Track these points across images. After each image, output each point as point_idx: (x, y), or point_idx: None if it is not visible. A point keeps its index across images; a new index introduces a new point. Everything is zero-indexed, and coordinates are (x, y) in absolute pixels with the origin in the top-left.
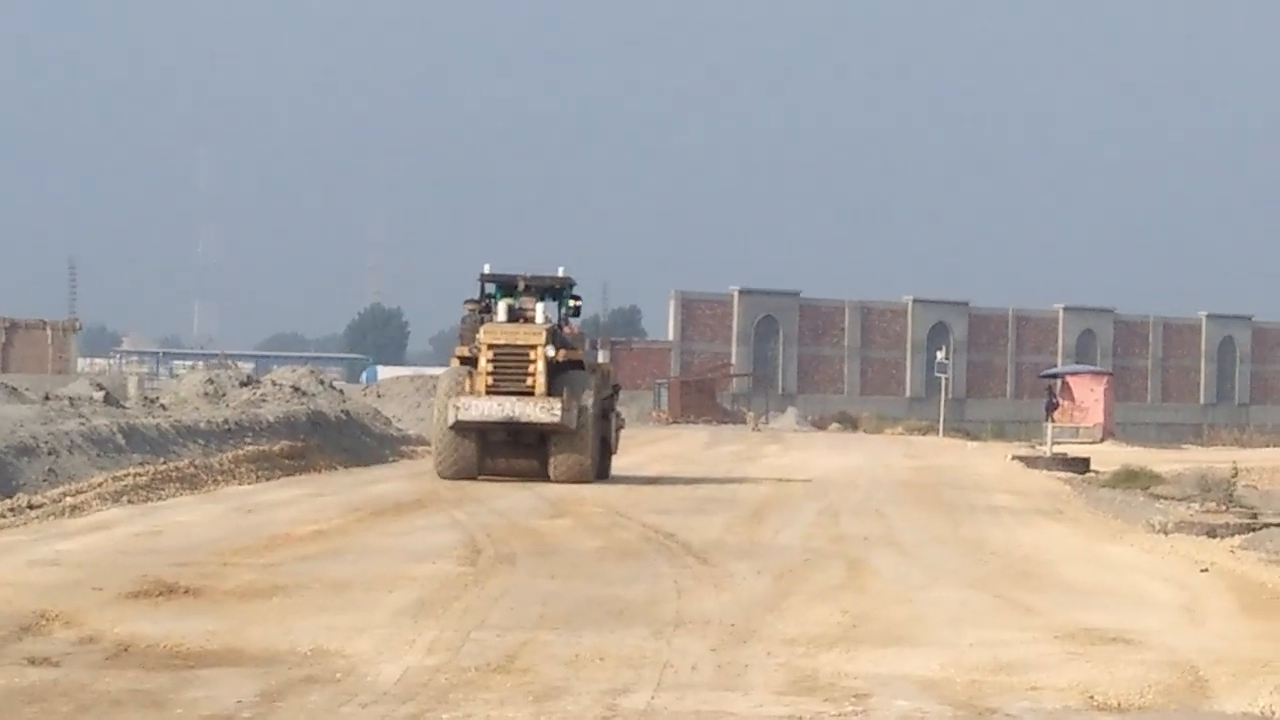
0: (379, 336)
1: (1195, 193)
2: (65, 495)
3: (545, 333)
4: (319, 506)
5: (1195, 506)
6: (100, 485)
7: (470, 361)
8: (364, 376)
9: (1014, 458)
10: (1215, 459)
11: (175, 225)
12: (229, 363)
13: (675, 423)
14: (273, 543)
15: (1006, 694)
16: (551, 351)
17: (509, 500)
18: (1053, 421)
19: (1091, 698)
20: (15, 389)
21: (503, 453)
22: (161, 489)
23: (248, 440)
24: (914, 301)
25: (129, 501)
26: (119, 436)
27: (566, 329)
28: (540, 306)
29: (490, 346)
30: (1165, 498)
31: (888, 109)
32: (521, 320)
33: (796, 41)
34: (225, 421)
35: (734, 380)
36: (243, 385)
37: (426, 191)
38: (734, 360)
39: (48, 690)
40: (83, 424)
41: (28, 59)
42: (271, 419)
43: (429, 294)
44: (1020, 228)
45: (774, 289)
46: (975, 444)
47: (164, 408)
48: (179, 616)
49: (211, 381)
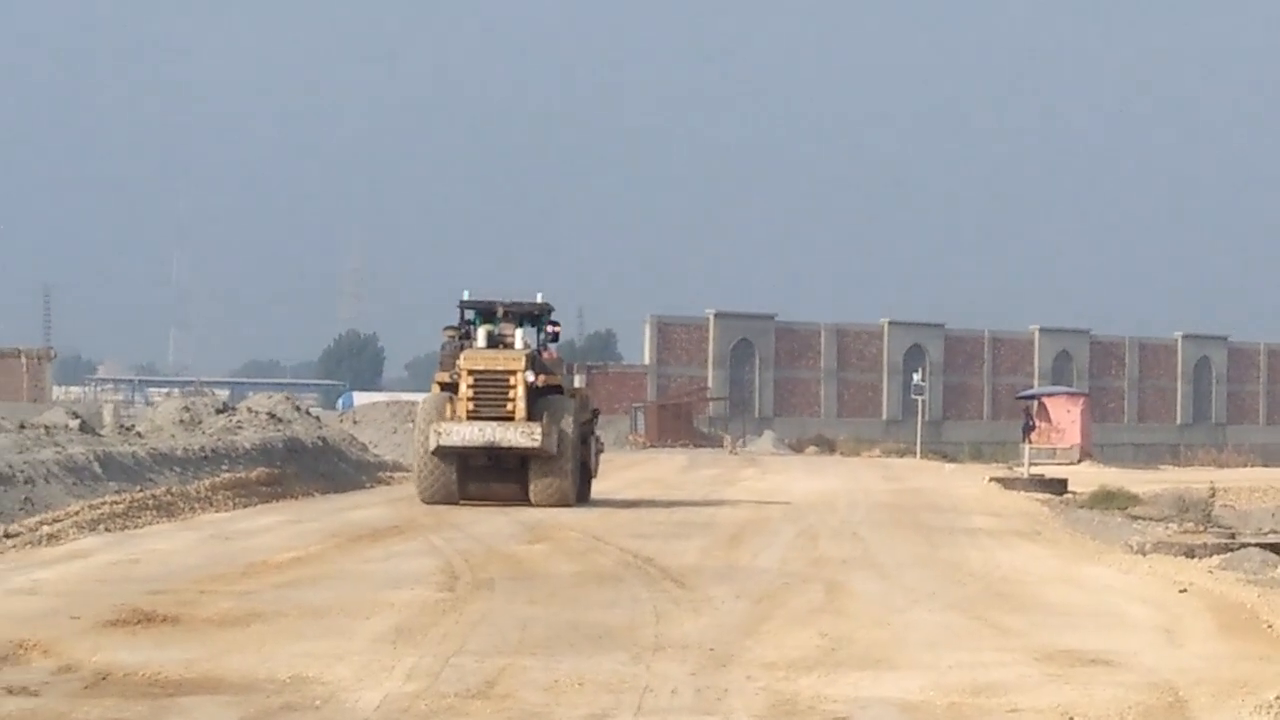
0: (355, 363)
1: (1170, 214)
2: (42, 524)
3: (525, 358)
4: (296, 533)
5: (1173, 527)
6: (77, 514)
7: (451, 387)
8: (340, 403)
9: (991, 479)
10: (1192, 479)
11: (150, 253)
12: (205, 390)
13: (652, 447)
14: (250, 570)
15: (986, 716)
16: (531, 377)
17: (486, 525)
18: (1030, 443)
19: (1071, 719)
20: None
21: (484, 477)
22: (138, 517)
23: (224, 467)
24: (890, 324)
25: (106, 530)
26: (95, 465)
27: (545, 354)
28: (519, 332)
29: (470, 372)
30: (1143, 518)
31: (863, 132)
32: (501, 346)
33: (773, 66)
34: (201, 449)
35: (711, 404)
36: (219, 412)
37: (402, 217)
38: (710, 384)
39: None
40: (59, 452)
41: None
42: (248, 446)
43: (404, 320)
44: (995, 249)
45: (750, 312)
46: (953, 466)
47: (140, 435)
48: (157, 645)
49: (187, 409)
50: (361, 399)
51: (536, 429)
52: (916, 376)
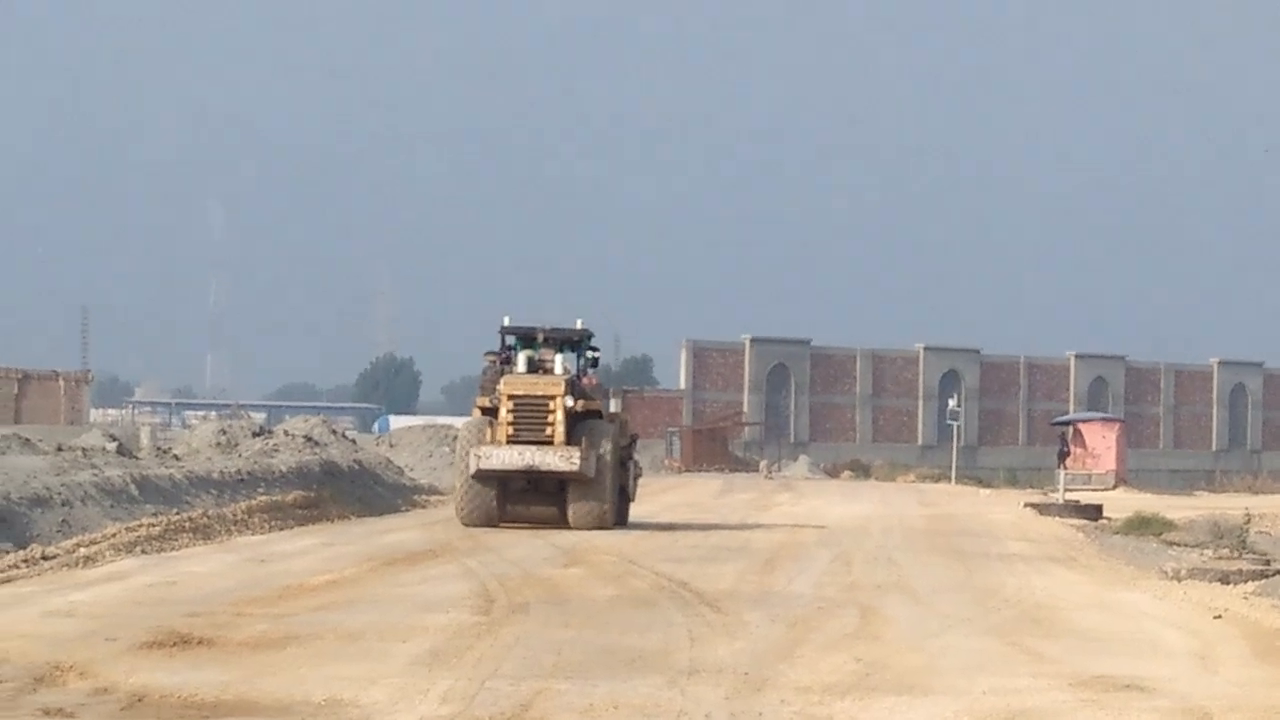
0: (391, 386)
1: (1207, 240)
2: (79, 546)
3: (564, 383)
4: (332, 556)
5: (1208, 553)
6: (114, 536)
7: (491, 412)
8: (376, 426)
9: (1026, 505)
10: (1227, 505)
11: (187, 276)
12: (242, 413)
13: (687, 471)
14: (286, 593)
15: None
16: (570, 402)
17: (522, 549)
18: (1065, 469)
19: None
20: (28, 440)
21: (523, 500)
22: (175, 539)
23: (260, 490)
24: (925, 349)
25: (142, 552)
26: (132, 487)
27: (585, 380)
28: (559, 358)
29: (510, 397)
30: (1178, 544)
31: (896, 155)
32: (541, 371)
33: (807, 89)
34: (238, 472)
35: (746, 429)
36: (255, 435)
37: (439, 241)
38: (746, 409)
39: None
40: (96, 475)
41: (40, 108)
42: (284, 469)
43: (441, 343)
44: (1031, 275)
45: (785, 337)
46: (988, 491)
47: (177, 458)
48: (193, 667)
49: (224, 432)
50: (397, 422)
51: (575, 453)
52: (952, 402)
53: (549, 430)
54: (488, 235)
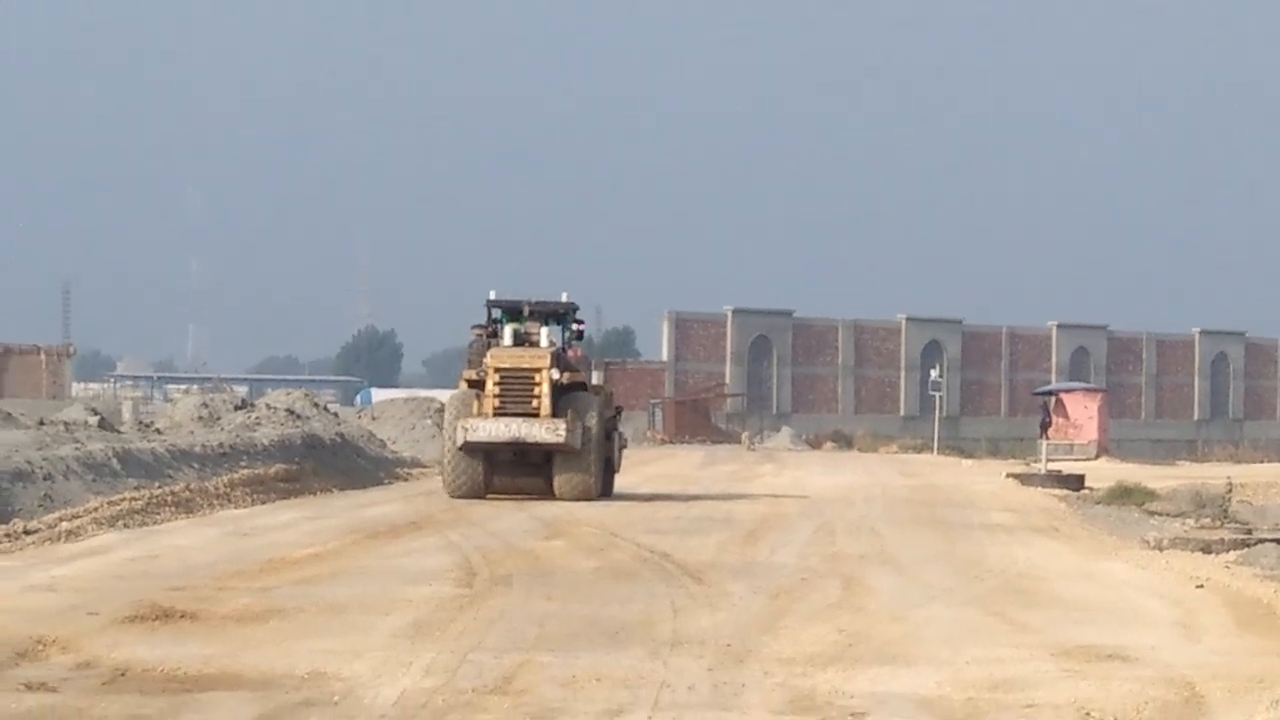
0: (373, 359)
1: (1187, 208)
2: (61, 520)
3: (550, 356)
4: (315, 529)
5: (1190, 523)
6: (96, 510)
7: (478, 385)
8: (358, 399)
9: (1009, 475)
10: (1209, 475)
11: (168, 249)
12: (223, 386)
13: (670, 443)
14: (269, 566)
15: (1003, 711)
16: (556, 374)
17: (504, 522)
18: (1047, 439)
19: (1088, 715)
20: (10, 414)
21: (510, 472)
22: (157, 513)
23: (243, 464)
24: (907, 320)
25: (125, 526)
26: (114, 461)
27: (570, 352)
28: (545, 331)
29: (497, 370)
30: (1160, 514)
31: (879, 127)
32: (527, 344)
33: (787, 60)
34: (220, 445)
35: (728, 400)
36: (237, 409)
37: (420, 214)
38: (728, 380)
39: (45, 715)
40: (78, 449)
41: (19, 82)
42: (266, 442)
43: (423, 316)
44: (1013, 245)
45: (767, 308)
46: (970, 462)
47: (159, 432)
48: (176, 641)
49: (206, 405)
50: (380, 395)
51: (561, 425)
52: (934, 373)
53: (535, 403)
54: (470, 209)
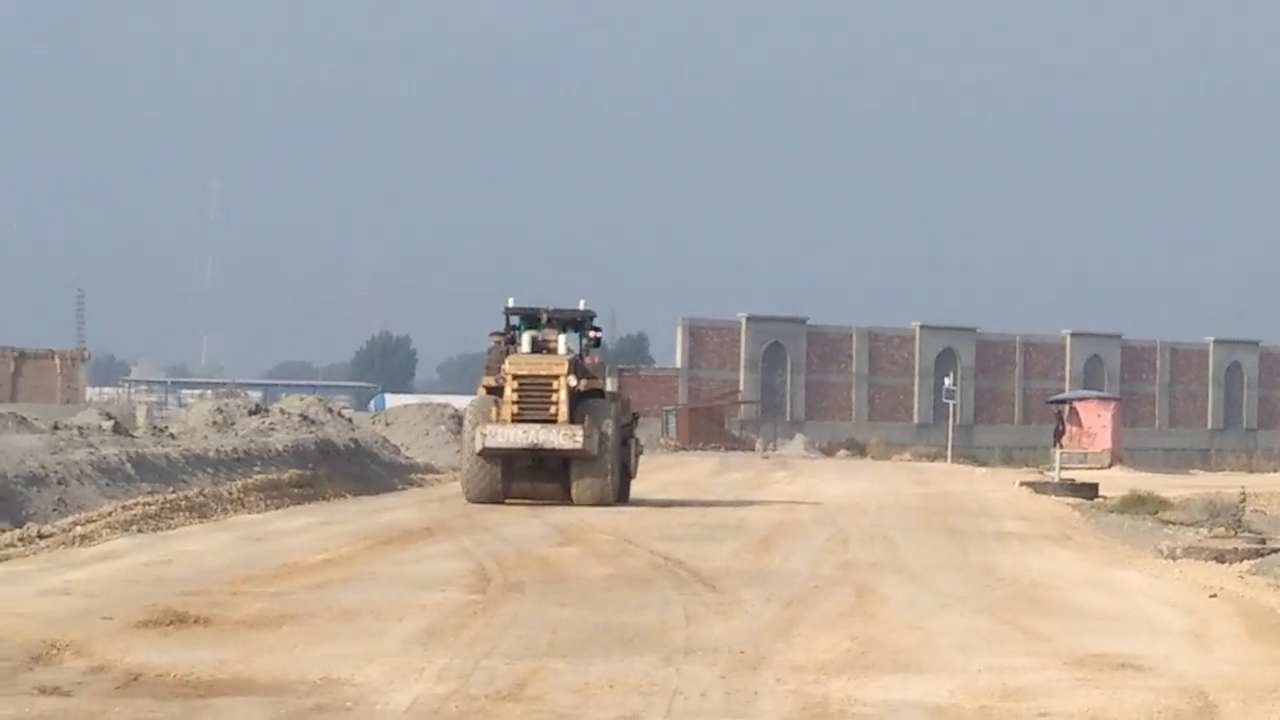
0: (387, 365)
1: (1203, 217)
2: (75, 525)
3: (567, 363)
4: (328, 535)
5: (1203, 532)
6: (110, 514)
7: (496, 391)
8: (372, 405)
9: (1022, 483)
10: (1223, 484)
11: (183, 254)
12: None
13: (683, 450)
14: (282, 571)
15: None
16: (574, 381)
17: (518, 528)
18: (1060, 447)
19: None
20: (24, 418)
21: (528, 477)
22: (171, 518)
23: (256, 469)
24: (921, 328)
25: (138, 531)
26: (128, 466)
27: (588, 359)
28: (562, 338)
29: (515, 376)
30: (1173, 523)
31: (894, 135)
32: (545, 351)
33: (803, 68)
34: (234, 450)
35: (742, 407)
36: (251, 414)
37: (437, 221)
38: (742, 387)
39: None
40: (92, 453)
41: (35, 87)
42: (280, 448)
43: (437, 322)
44: (1027, 254)
45: (781, 315)
46: (983, 470)
47: (173, 437)
48: (189, 646)
49: (220, 410)
50: (393, 401)
51: (578, 431)
52: (948, 381)
53: (553, 409)
54: (485, 214)
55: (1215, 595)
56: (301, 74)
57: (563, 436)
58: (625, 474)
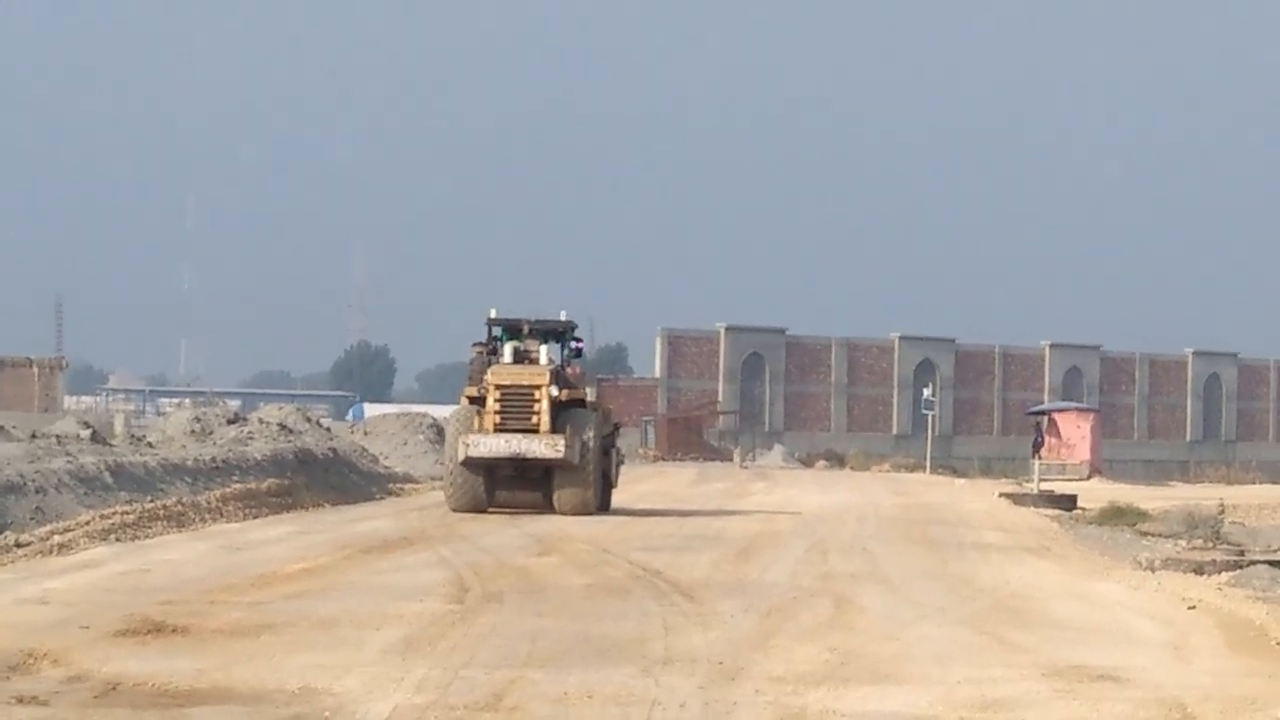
0: (366, 374)
1: (1182, 229)
2: (53, 534)
3: (549, 373)
4: (306, 544)
5: (1182, 543)
6: (88, 523)
7: (479, 401)
8: (351, 414)
9: (1001, 495)
10: (1202, 496)
11: (162, 263)
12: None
13: (662, 460)
14: (260, 581)
15: None
16: (555, 391)
17: (496, 538)
18: (1039, 459)
19: None
20: (2, 427)
21: (510, 486)
22: (149, 527)
23: (235, 478)
24: (900, 339)
25: (116, 540)
26: (106, 475)
27: (569, 370)
28: (544, 349)
29: (497, 387)
30: (1152, 535)
31: (874, 147)
32: (526, 362)
33: (781, 78)
34: (212, 459)
35: (721, 417)
36: (230, 423)
37: (414, 229)
38: (721, 397)
39: None
40: (70, 462)
41: (11, 96)
42: (259, 457)
43: (416, 332)
44: (1007, 265)
45: (760, 326)
46: (962, 481)
47: (151, 446)
48: (167, 655)
49: (198, 419)
50: (372, 410)
51: (560, 441)
52: (927, 391)
53: (535, 419)
54: (463, 225)
55: (1194, 607)
56: (280, 82)
57: (545, 446)
58: (607, 483)
